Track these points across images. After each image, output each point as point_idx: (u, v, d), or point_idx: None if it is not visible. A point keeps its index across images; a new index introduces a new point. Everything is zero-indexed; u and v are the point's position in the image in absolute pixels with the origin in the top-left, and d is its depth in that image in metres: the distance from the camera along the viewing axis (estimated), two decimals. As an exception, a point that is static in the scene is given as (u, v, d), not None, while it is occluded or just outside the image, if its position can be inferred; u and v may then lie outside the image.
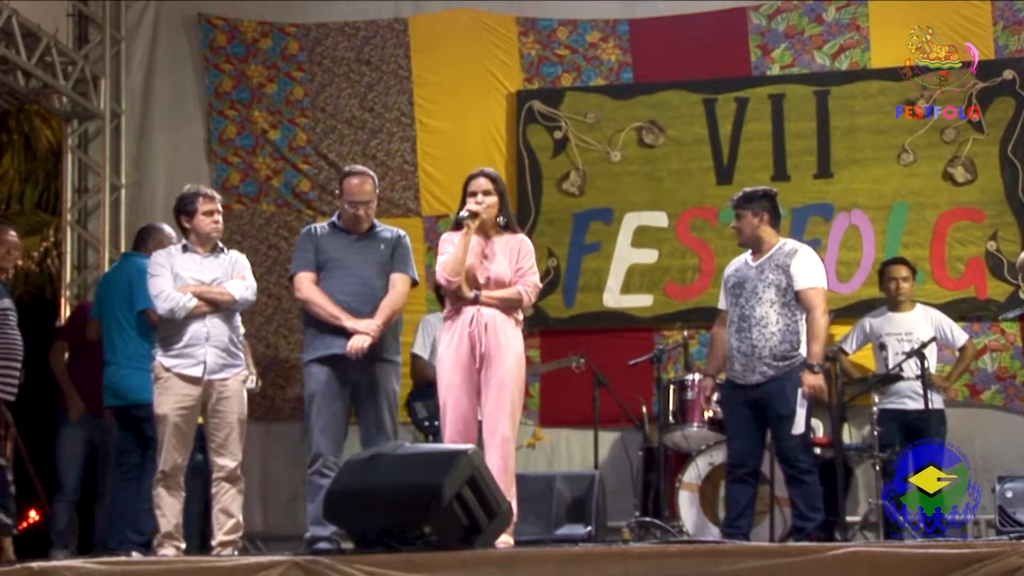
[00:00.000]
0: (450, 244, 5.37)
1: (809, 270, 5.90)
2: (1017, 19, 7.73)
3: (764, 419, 5.86)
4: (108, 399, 6.51)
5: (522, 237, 5.51)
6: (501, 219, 5.44)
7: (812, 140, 7.84)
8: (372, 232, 5.70)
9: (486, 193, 5.38)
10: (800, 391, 5.73)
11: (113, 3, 8.48)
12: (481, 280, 5.34)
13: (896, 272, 7.11)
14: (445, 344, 5.37)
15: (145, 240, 6.73)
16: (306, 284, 5.65)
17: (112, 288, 6.62)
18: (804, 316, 5.86)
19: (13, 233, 6.37)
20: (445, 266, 5.31)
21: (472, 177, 5.46)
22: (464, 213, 5.33)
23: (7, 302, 6.15)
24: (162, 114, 8.51)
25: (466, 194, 5.43)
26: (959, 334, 7.09)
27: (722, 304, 6.19)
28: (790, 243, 6.08)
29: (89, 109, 8.31)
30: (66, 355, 7.05)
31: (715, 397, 6.22)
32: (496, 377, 5.24)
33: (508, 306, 5.34)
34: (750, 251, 6.10)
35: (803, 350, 5.83)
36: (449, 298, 5.45)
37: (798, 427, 5.69)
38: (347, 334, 5.53)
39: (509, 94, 8.21)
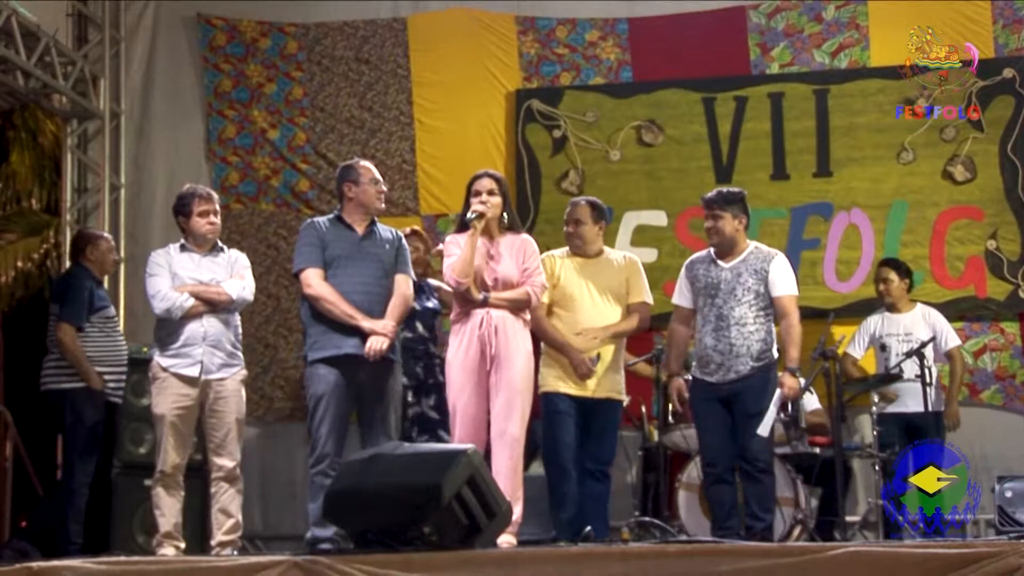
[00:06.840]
0: (456, 246, 5.36)
1: (786, 277, 5.86)
2: (1017, 18, 7.73)
3: (733, 416, 5.79)
4: None
5: (526, 237, 5.52)
6: (504, 219, 5.44)
7: (812, 139, 7.84)
8: (374, 231, 5.64)
9: (490, 193, 5.39)
10: (778, 392, 5.68)
11: (112, 3, 8.46)
12: (489, 281, 5.35)
13: (882, 273, 7.11)
14: (455, 347, 5.36)
15: None
16: (317, 280, 5.43)
17: None
18: (775, 320, 5.84)
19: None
20: (454, 268, 5.30)
21: (476, 178, 5.47)
22: (471, 214, 5.32)
23: (112, 310, 6.38)
24: (161, 114, 8.49)
25: (470, 195, 5.43)
26: (951, 339, 6.98)
27: (683, 301, 6.04)
28: (763, 248, 5.98)
29: (88, 109, 8.29)
30: None
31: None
32: (507, 379, 5.25)
33: (517, 307, 5.36)
34: (714, 251, 5.95)
35: (775, 353, 5.81)
36: (457, 300, 5.44)
37: (765, 428, 5.61)
38: (359, 334, 5.38)
39: (508, 93, 8.21)
